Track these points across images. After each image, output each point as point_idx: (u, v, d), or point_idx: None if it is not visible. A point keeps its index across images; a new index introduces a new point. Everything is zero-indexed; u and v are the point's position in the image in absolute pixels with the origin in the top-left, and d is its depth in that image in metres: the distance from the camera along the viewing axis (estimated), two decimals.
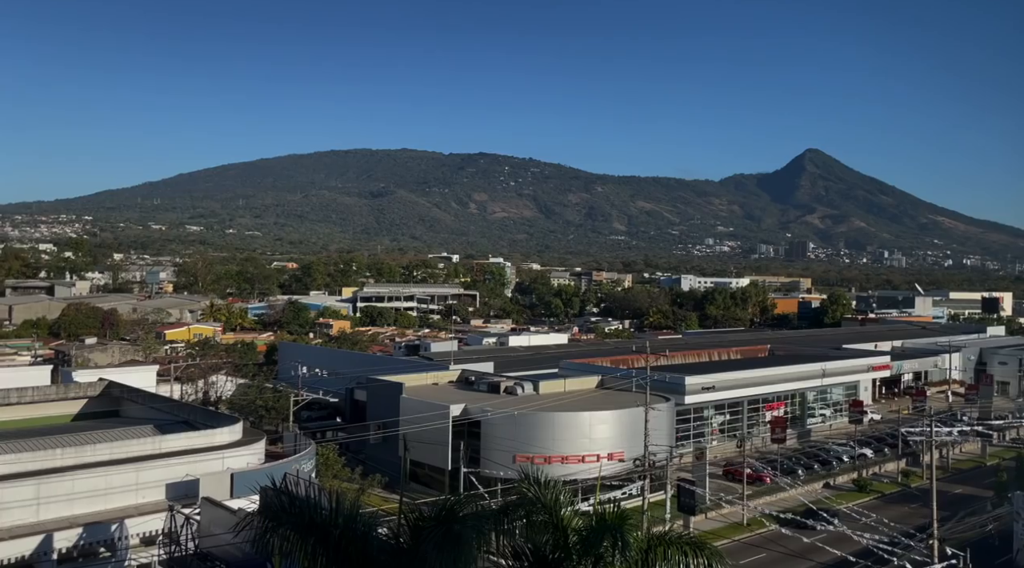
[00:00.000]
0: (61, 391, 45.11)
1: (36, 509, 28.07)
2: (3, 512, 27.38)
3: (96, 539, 28.56)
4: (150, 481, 30.51)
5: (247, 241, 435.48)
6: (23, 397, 42.83)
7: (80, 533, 28.01)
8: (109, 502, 29.52)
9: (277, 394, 64.95)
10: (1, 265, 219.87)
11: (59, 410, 43.48)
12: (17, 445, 32.97)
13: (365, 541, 14.36)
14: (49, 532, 27.35)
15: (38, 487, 28.25)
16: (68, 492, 28.73)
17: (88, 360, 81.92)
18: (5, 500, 27.51)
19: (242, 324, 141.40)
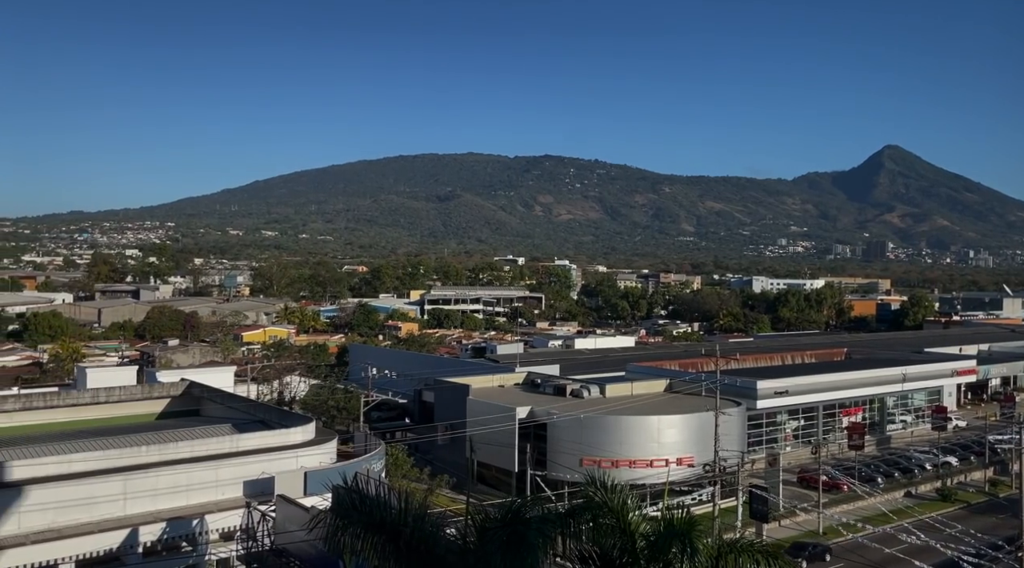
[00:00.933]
0: (146, 391, 47.09)
1: (123, 504, 29.35)
2: (92, 506, 28.75)
3: (178, 534, 29.70)
4: (228, 478, 31.54)
5: (319, 245, 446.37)
6: (111, 396, 44.89)
7: (163, 528, 29.16)
8: (190, 498, 30.65)
9: (348, 395, 66.34)
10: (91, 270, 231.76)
11: (144, 409, 45.38)
12: (105, 442, 34.55)
13: (433, 541, 14.53)
14: (135, 526, 28.57)
15: (125, 483, 29.53)
16: (152, 488, 29.96)
17: (171, 361, 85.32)
18: (94, 495, 28.87)
19: (314, 326, 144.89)
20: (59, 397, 45.09)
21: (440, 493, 47.29)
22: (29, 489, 27.78)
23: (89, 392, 45.44)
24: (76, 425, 41.18)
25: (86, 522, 28.39)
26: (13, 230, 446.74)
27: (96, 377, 50.79)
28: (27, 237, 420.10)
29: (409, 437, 60.23)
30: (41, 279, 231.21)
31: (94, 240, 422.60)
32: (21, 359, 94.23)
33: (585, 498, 16.88)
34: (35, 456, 30.77)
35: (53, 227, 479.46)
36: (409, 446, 54.85)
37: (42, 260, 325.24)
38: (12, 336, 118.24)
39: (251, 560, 26.39)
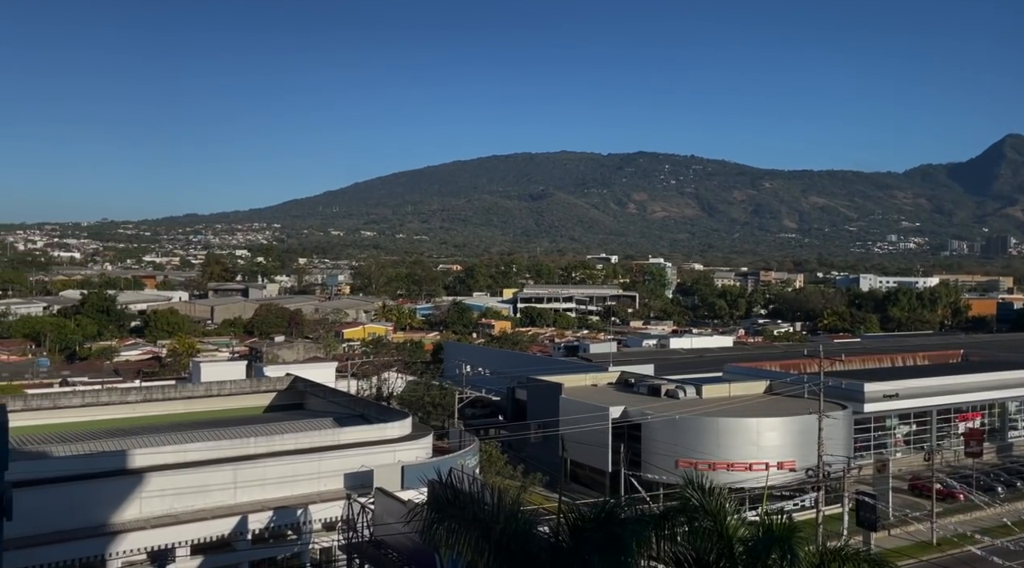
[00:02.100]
0: (254, 385, 49.38)
1: (233, 492, 30.86)
2: (206, 494, 30.36)
3: (284, 522, 30.99)
4: (330, 470, 32.64)
5: (415, 245, 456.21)
6: (222, 390, 47.32)
7: (270, 516, 30.49)
8: (295, 489, 31.91)
9: (443, 391, 67.51)
10: (205, 270, 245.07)
11: (253, 402, 47.58)
12: (217, 433, 36.42)
13: (526, 538, 14.59)
14: (244, 514, 29.99)
15: (235, 472, 31.04)
16: (260, 478, 31.36)
17: (277, 356, 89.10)
18: (208, 483, 30.49)
19: (411, 324, 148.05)
20: (176, 390, 47.88)
21: (533, 491, 47.46)
22: (149, 476, 29.60)
23: (203, 385, 48.08)
24: (191, 416, 43.63)
25: (200, 509, 30.01)
26: (135, 232, 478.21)
27: (209, 371, 53.72)
28: (148, 239, 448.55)
29: (502, 434, 60.71)
30: (160, 278, 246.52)
31: (207, 241, 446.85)
32: (143, 354, 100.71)
33: (681, 500, 16.57)
34: (154, 445, 32.75)
35: (171, 229, 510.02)
36: (502, 443, 55.30)
37: (161, 260, 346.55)
38: (134, 332, 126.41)
39: (352, 550, 27.21)
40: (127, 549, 27.88)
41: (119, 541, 27.81)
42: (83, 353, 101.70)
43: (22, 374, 76.36)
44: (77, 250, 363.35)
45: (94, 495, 28.52)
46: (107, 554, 27.56)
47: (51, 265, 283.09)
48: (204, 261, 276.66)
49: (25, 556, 25.76)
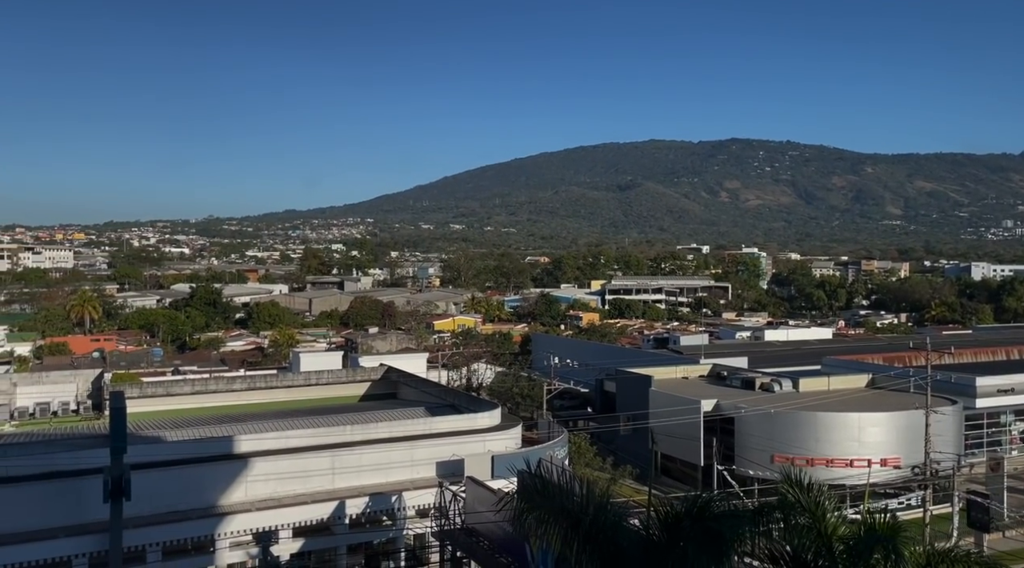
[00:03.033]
0: (350, 374, 51.05)
1: (331, 478, 32.01)
2: (306, 479, 31.61)
3: (379, 508, 31.92)
4: (422, 458, 33.38)
5: (503, 237, 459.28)
6: (320, 379, 49.15)
7: (367, 502, 31.46)
8: (389, 476, 32.81)
9: (531, 383, 67.86)
10: (303, 263, 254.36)
11: (349, 391, 49.22)
12: (316, 421, 37.85)
13: (616, 530, 14.52)
14: (342, 499, 31.06)
15: (333, 459, 32.18)
16: (356, 464, 32.39)
17: (371, 347, 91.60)
18: (308, 469, 31.73)
19: (499, 316, 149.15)
20: (277, 378, 50.06)
21: (623, 483, 47.18)
22: (254, 461, 31.05)
23: (302, 375, 50.07)
24: (291, 405, 45.50)
25: (301, 493, 31.27)
26: (239, 228, 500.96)
27: (308, 361, 55.80)
28: (250, 235, 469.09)
29: (591, 426, 60.58)
30: (262, 272, 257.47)
31: (305, 236, 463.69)
32: (247, 344, 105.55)
33: (778, 496, 16.14)
34: (258, 431, 34.32)
35: (271, 225, 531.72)
36: (591, 435, 55.16)
37: (262, 255, 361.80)
38: (239, 323, 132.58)
39: (444, 537, 27.76)
40: (234, 530, 29.35)
41: (227, 522, 29.31)
42: (192, 343, 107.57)
43: (138, 363, 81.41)
44: (186, 246, 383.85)
45: (204, 478, 30.15)
46: (216, 534, 29.09)
47: (163, 260, 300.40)
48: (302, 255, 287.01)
49: (142, 535, 27.52)
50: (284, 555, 30.00)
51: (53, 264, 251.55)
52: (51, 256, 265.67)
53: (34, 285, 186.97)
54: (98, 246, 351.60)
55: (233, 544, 29.50)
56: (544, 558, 19.66)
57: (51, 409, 45.39)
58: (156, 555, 28.07)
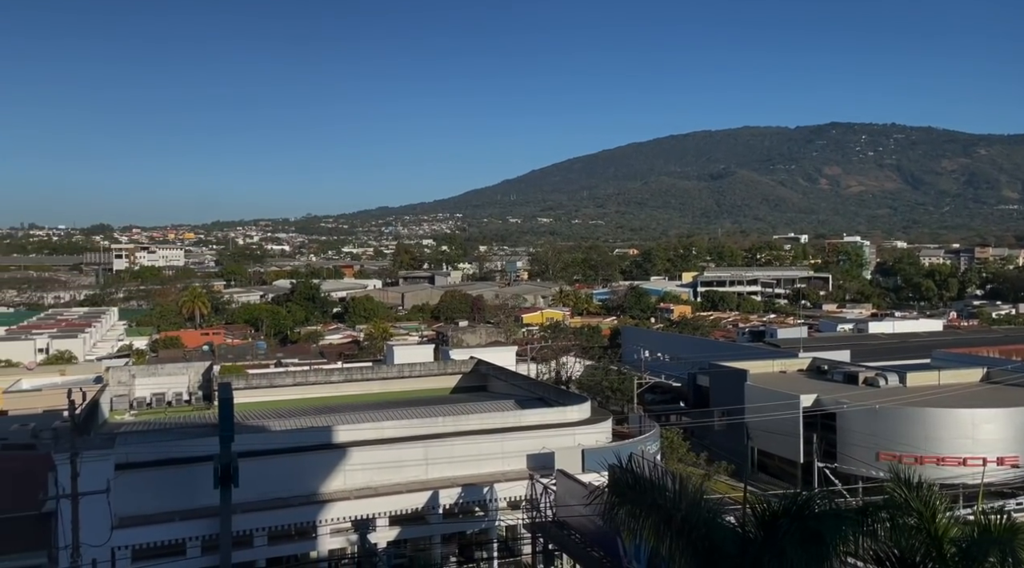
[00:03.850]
0: (441, 367, 51.98)
1: (425, 468, 32.72)
2: (400, 469, 32.44)
3: (471, 499, 32.41)
4: (512, 451, 33.67)
5: (591, 230, 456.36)
6: (413, 371, 50.27)
7: (459, 492, 32.00)
8: (480, 467, 33.25)
9: (621, 376, 67.25)
10: (395, 259, 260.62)
11: (440, 383, 50.15)
12: (409, 412, 38.71)
13: (710, 527, 14.24)
14: (435, 489, 31.70)
15: (426, 449, 32.88)
16: (448, 456, 32.98)
17: (461, 341, 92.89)
18: (402, 459, 32.55)
19: (588, 309, 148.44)
20: (372, 371, 51.55)
21: (717, 479, 46.21)
22: (352, 450, 32.09)
23: (396, 367, 51.35)
24: (386, 396, 46.73)
25: (396, 483, 32.11)
26: (335, 226, 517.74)
27: (401, 354, 57.14)
28: (345, 232, 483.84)
29: (684, 421, 59.54)
30: (357, 267, 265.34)
31: (397, 232, 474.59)
32: (343, 337, 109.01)
33: (885, 495, 15.45)
34: (355, 422, 35.43)
35: (365, 222, 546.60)
36: (684, 430, 54.23)
37: (357, 251, 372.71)
38: (336, 317, 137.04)
39: (536, 529, 27.92)
40: (334, 517, 30.43)
41: (327, 509, 30.43)
42: (293, 337, 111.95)
43: (244, 356, 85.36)
44: (286, 243, 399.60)
45: (306, 466, 31.38)
46: (318, 521, 30.24)
47: (265, 257, 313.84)
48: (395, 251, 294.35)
49: (250, 520, 28.89)
50: (381, 542, 30.89)
51: (166, 262, 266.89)
52: (164, 255, 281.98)
53: (149, 283, 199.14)
54: (206, 245, 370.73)
55: (334, 531, 30.59)
56: (637, 553, 19.50)
57: (166, 399, 48.22)
58: (262, 540, 29.44)
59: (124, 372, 51.31)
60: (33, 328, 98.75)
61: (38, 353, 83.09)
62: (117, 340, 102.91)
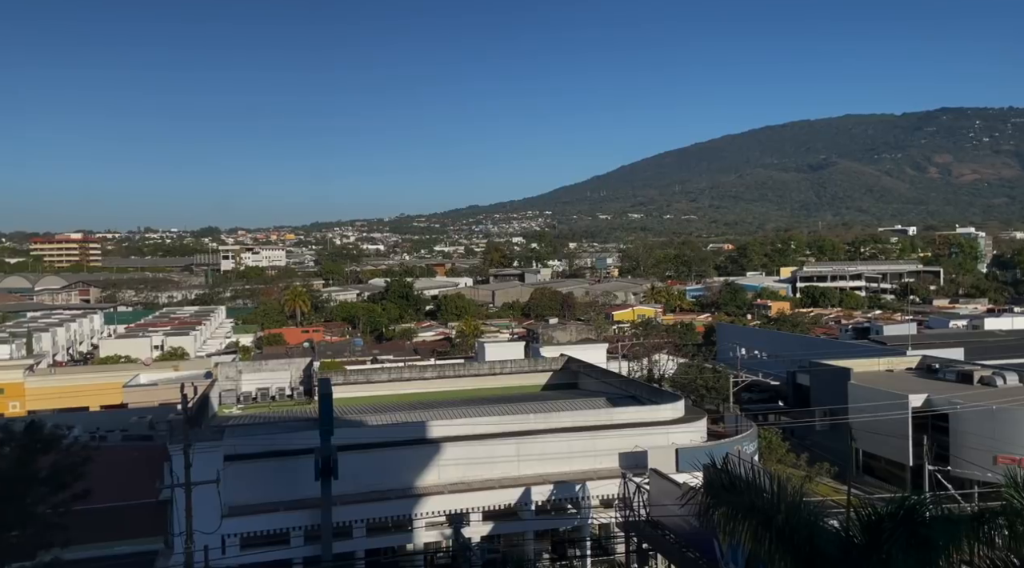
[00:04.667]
0: (532, 364, 52.17)
1: (517, 465, 32.92)
2: (493, 465, 32.75)
3: (563, 496, 32.41)
4: (604, 449, 33.45)
5: (683, 225, 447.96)
6: (504, 368, 50.67)
7: (551, 489, 32.05)
8: (572, 464, 33.20)
9: (716, 374, 65.71)
10: (486, 257, 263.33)
11: (531, 381, 50.34)
12: (501, 409, 39.06)
13: (811, 530, 13.73)
14: (527, 486, 31.87)
15: (518, 446, 33.08)
16: (540, 452, 33.08)
17: (551, 338, 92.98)
18: (494, 455, 32.86)
19: (680, 305, 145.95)
20: (464, 368, 52.22)
21: (819, 481, 44.51)
22: (445, 446, 32.65)
23: (487, 364, 51.87)
24: (478, 393, 47.29)
25: (488, 478, 32.46)
26: (427, 225, 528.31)
27: (492, 351, 57.61)
28: (437, 231, 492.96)
29: (783, 421, 57.65)
30: (448, 266, 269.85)
31: (487, 230, 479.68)
32: (436, 335, 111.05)
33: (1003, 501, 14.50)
34: (448, 418, 36.03)
35: (456, 221, 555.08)
36: (784, 430, 52.50)
37: (448, 249, 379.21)
38: (429, 315, 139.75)
39: (629, 528, 27.67)
40: (429, 511, 31.05)
41: (422, 503, 31.08)
42: (388, 334, 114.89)
43: (342, 352, 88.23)
44: (381, 243, 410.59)
45: (401, 461, 32.14)
46: (413, 514, 30.94)
47: (361, 257, 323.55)
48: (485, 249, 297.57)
49: (349, 511, 29.85)
50: (475, 537, 31.31)
51: (269, 263, 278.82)
52: (267, 255, 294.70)
53: (253, 282, 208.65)
54: (306, 245, 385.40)
55: (428, 524, 31.21)
56: (734, 555, 19.03)
57: (269, 394, 50.38)
58: (361, 531, 30.36)
59: (231, 368, 53.93)
60: (149, 326, 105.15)
61: (154, 350, 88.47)
62: (225, 337, 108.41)
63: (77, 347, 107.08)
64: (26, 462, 20.26)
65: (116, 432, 41.97)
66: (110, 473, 27.86)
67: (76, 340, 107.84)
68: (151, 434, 40.14)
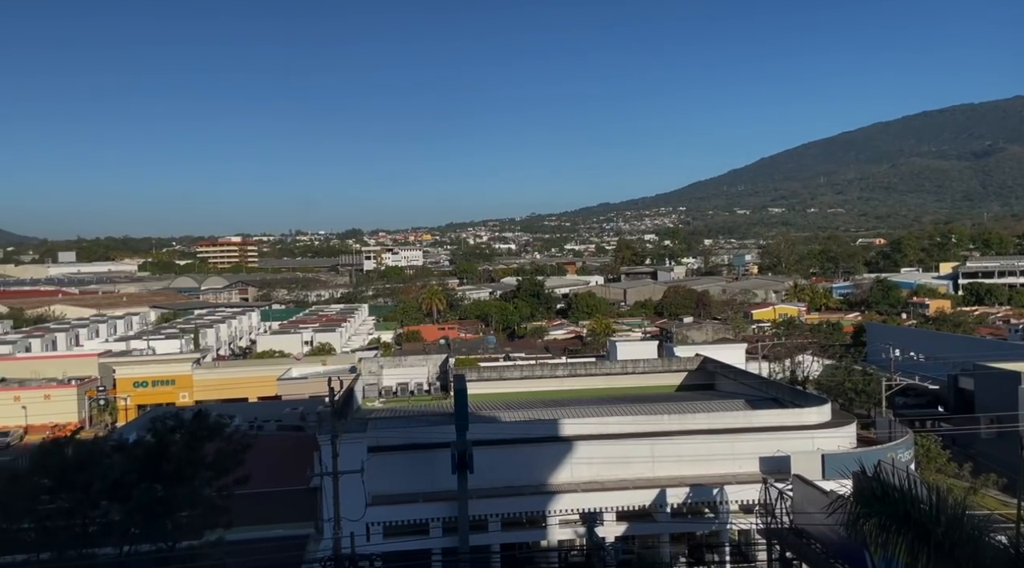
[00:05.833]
0: (665, 364, 51.21)
1: (651, 466, 32.45)
2: (626, 465, 32.45)
3: (700, 500, 31.62)
4: (743, 453, 32.35)
5: (829, 219, 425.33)
6: (636, 368, 50.04)
7: (687, 492, 31.36)
8: (709, 467, 32.32)
9: (867, 377, 61.92)
10: (617, 255, 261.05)
11: (664, 381, 49.41)
12: (633, 409, 38.60)
13: (975, 545, 12.66)
14: (662, 487, 31.33)
15: (652, 447, 32.59)
16: (675, 454, 32.43)
17: (686, 337, 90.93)
18: (628, 455, 32.54)
19: (826, 304, 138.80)
20: (596, 366, 52.03)
21: (985, 493, 40.99)
22: (578, 444, 32.68)
23: (619, 363, 51.42)
24: (609, 392, 46.97)
25: (622, 478, 32.20)
26: (557, 224, 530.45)
27: (624, 350, 57.10)
28: (567, 229, 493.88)
29: (943, 427, 53.46)
30: (579, 264, 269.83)
31: (618, 228, 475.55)
32: (567, 333, 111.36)
33: None
34: (580, 416, 36.02)
35: (586, 219, 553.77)
36: (944, 437, 48.69)
37: (579, 248, 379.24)
38: (559, 313, 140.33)
39: (772, 536, 26.63)
40: (562, 508, 31.20)
41: (555, 500, 31.27)
42: (520, 332, 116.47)
43: (476, 349, 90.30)
44: (512, 242, 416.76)
45: (535, 457, 32.48)
46: (547, 511, 31.18)
47: (493, 256, 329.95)
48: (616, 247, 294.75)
49: (484, 505, 30.49)
50: (609, 537, 31.14)
51: (407, 263, 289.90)
52: (406, 256, 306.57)
53: (393, 281, 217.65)
54: (441, 245, 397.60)
55: (562, 522, 31.37)
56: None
57: (408, 389, 52.40)
58: (496, 525, 30.95)
59: (374, 363, 56.52)
60: (300, 323, 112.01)
61: (304, 345, 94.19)
62: (367, 334, 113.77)
63: (237, 342, 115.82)
64: (194, 448, 22.08)
65: (271, 422, 45.00)
66: (265, 460, 29.88)
67: (236, 336, 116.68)
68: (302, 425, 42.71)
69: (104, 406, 73.25)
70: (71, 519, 19.86)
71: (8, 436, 63.97)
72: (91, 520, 20.15)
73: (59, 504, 20.02)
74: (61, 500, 20.05)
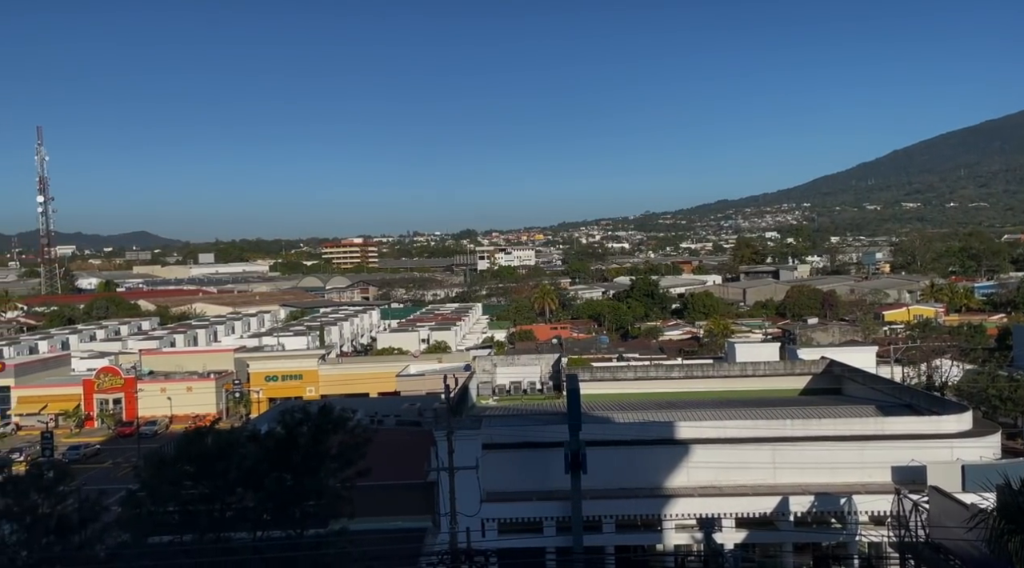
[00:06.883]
0: (788, 367, 49.20)
1: (772, 472, 31.29)
2: (745, 471, 31.41)
3: (826, 509, 30.21)
4: (874, 461, 30.69)
5: (970, 214, 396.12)
6: (757, 370, 48.34)
7: (812, 501, 30.03)
8: (835, 476, 30.83)
9: (1013, 383, 57.18)
10: (735, 253, 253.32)
11: (787, 384, 47.49)
12: (753, 413, 37.33)
13: None
14: (784, 495, 30.15)
15: (773, 453, 31.42)
16: (798, 461, 31.13)
17: (810, 339, 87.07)
18: (747, 460, 31.50)
19: (967, 305, 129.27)
20: (713, 368, 50.68)
21: None
22: (694, 448, 31.94)
23: (738, 365, 49.87)
24: (727, 395, 45.65)
25: (741, 484, 31.21)
26: (672, 222, 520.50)
27: (744, 352, 55.33)
28: (683, 227, 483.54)
29: None
30: (695, 263, 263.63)
31: (737, 226, 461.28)
32: (683, 334, 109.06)
33: None
34: (697, 419, 35.21)
35: (703, 217, 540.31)
36: None
37: (695, 246, 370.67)
38: (675, 313, 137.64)
39: (905, 550, 25.11)
40: (678, 513, 30.59)
41: (671, 504, 30.70)
42: (633, 332, 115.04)
43: (588, 349, 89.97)
44: (626, 241, 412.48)
45: (650, 460, 32.01)
46: (662, 515, 30.66)
47: (606, 255, 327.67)
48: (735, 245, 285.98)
49: (598, 506, 30.34)
50: (728, 544, 30.26)
51: (520, 262, 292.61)
52: (518, 255, 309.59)
53: (506, 281, 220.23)
54: (554, 245, 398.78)
55: (678, 526, 30.76)
56: None
57: (521, 387, 52.84)
58: (611, 526, 30.74)
59: (487, 361, 57.38)
60: (417, 321, 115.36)
61: (421, 343, 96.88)
62: (481, 332, 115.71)
63: (359, 339, 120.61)
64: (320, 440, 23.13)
65: (391, 417, 46.55)
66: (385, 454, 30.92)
67: (358, 333, 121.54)
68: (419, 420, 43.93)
69: (239, 398, 78.15)
70: (210, 504, 21.24)
71: (156, 425, 69.37)
72: (227, 506, 21.47)
73: (200, 490, 21.46)
74: (202, 486, 21.49)
